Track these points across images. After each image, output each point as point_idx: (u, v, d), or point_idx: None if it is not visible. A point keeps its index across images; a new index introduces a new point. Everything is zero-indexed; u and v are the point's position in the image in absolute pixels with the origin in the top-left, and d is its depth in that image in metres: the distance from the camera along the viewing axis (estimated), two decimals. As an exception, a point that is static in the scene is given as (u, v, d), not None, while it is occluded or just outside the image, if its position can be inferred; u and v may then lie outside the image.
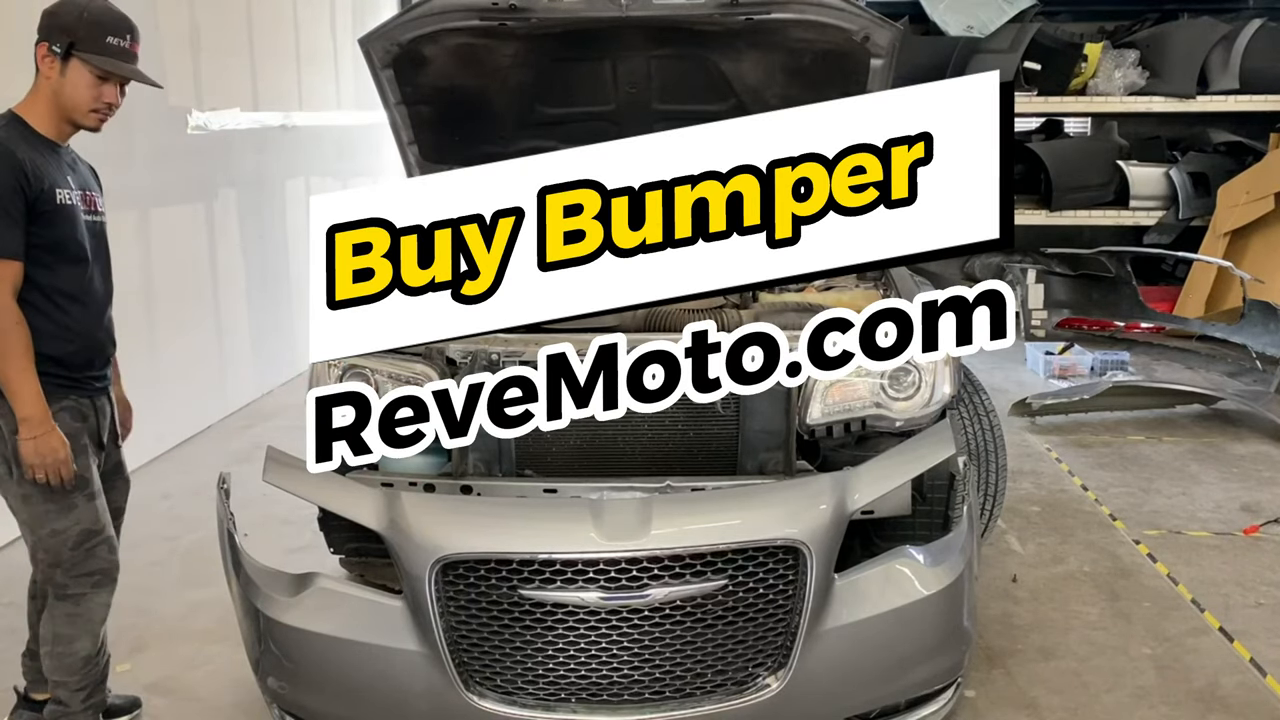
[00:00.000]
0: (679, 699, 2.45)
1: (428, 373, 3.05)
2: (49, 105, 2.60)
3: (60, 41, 2.53)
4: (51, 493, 2.57)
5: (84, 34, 2.54)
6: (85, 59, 2.54)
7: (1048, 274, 8.16)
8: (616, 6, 3.24)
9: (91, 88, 2.58)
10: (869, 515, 2.78)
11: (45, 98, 2.60)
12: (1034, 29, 8.50)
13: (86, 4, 2.57)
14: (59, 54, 2.54)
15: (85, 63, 2.55)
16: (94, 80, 2.57)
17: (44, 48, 2.56)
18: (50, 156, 2.61)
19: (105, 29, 2.57)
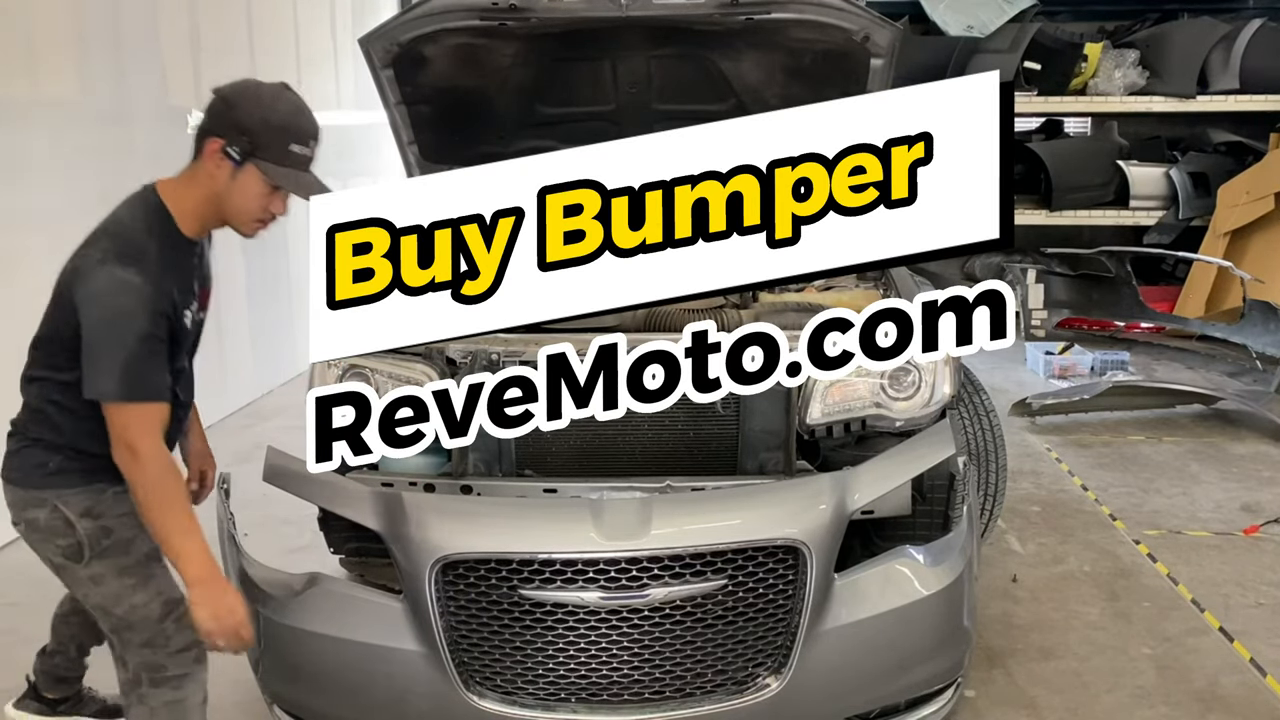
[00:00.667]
0: (679, 699, 2.45)
1: (428, 372, 3.05)
2: (204, 205, 2.25)
3: (239, 144, 2.16)
4: (125, 569, 2.28)
5: (268, 140, 2.17)
6: (264, 168, 2.19)
7: (1048, 274, 8.16)
8: (616, 6, 3.24)
9: (262, 198, 2.23)
10: (869, 515, 2.78)
11: (202, 196, 2.24)
12: (1034, 29, 8.49)
13: (273, 102, 2.20)
14: (235, 158, 2.17)
15: (263, 172, 2.19)
16: (267, 190, 2.22)
17: (217, 144, 2.17)
18: (185, 261, 2.30)
19: (291, 135, 2.20)
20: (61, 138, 4.75)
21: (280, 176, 2.19)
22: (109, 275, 2.11)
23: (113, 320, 2.10)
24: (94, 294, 2.12)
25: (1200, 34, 8.68)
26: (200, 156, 2.20)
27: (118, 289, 2.10)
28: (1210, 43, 8.57)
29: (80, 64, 4.91)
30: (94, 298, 2.12)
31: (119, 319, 2.09)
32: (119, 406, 2.10)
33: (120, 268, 2.11)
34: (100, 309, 2.11)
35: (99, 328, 2.10)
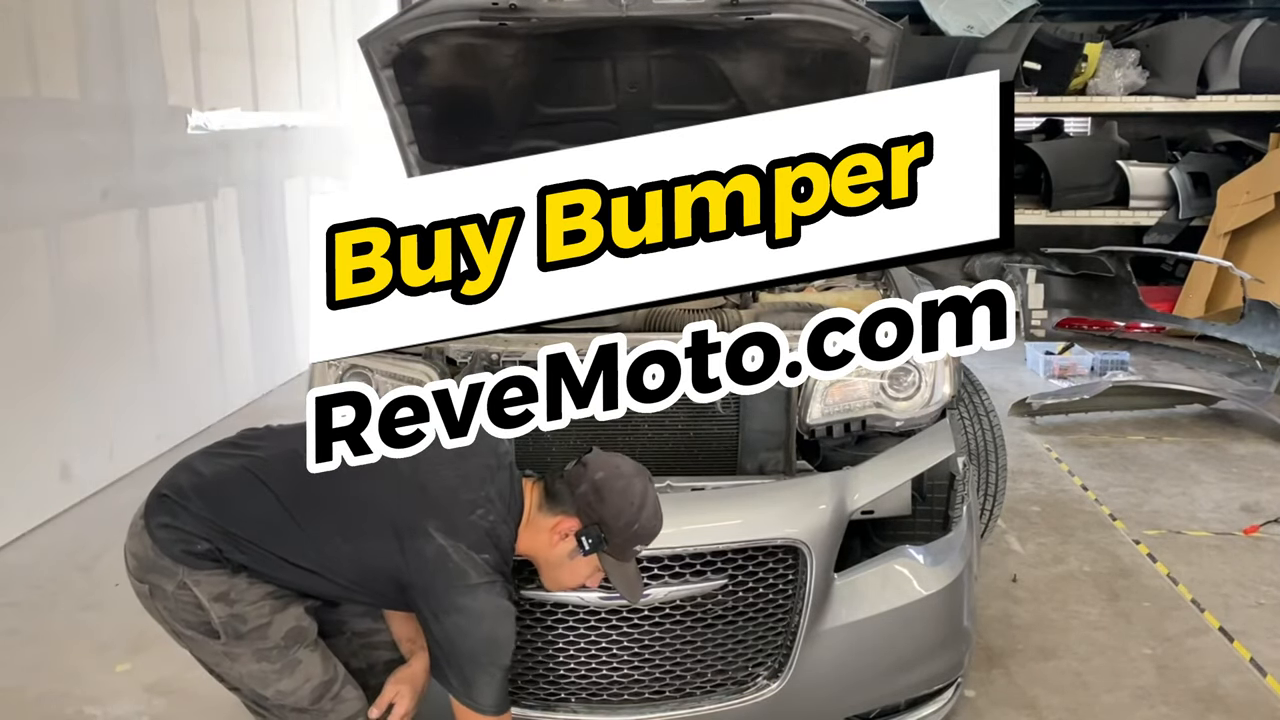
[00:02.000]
0: (679, 699, 2.45)
1: (428, 372, 3.05)
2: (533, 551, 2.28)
3: (594, 537, 2.18)
4: (263, 653, 2.18)
5: (620, 540, 2.19)
6: (608, 565, 2.22)
7: (1048, 274, 8.15)
8: (616, 6, 3.24)
9: (587, 576, 2.26)
10: (869, 515, 2.78)
11: (538, 547, 2.26)
12: (1034, 29, 8.49)
13: (641, 503, 2.20)
14: (585, 549, 2.19)
15: (605, 567, 2.23)
16: (595, 572, 2.25)
17: (573, 525, 2.20)
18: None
19: (641, 538, 2.22)
20: (61, 138, 4.75)
21: (617, 573, 2.23)
22: (497, 603, 2.16)
23: (495, 643, 2.16)
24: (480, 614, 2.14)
25: (1200, 34, 8.67)
26: (550, 518, 2.22)
27: (502, 617, 2.16)
28: (1210, 43, 8.57)
29: (80, 64, 4.91)
30: (480, 617, 2.15)
31: (499, 643, 2.16)
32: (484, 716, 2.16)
33: (504, 597, 2.17)
34: (485, 630, 2.15)
35: (479, 646, 2.15)
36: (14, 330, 4.48)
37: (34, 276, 4.60)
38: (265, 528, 2.16)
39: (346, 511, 2.17)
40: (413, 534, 2.15)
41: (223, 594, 2.14)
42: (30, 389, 4.52)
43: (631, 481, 2.23)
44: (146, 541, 2.15)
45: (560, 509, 2.22)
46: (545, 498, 2.25)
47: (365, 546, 2.17)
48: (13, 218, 4.45)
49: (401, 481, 2.16)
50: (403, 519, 2.17)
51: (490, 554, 2.18)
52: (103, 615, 3.71)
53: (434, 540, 2.14)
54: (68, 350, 4.75)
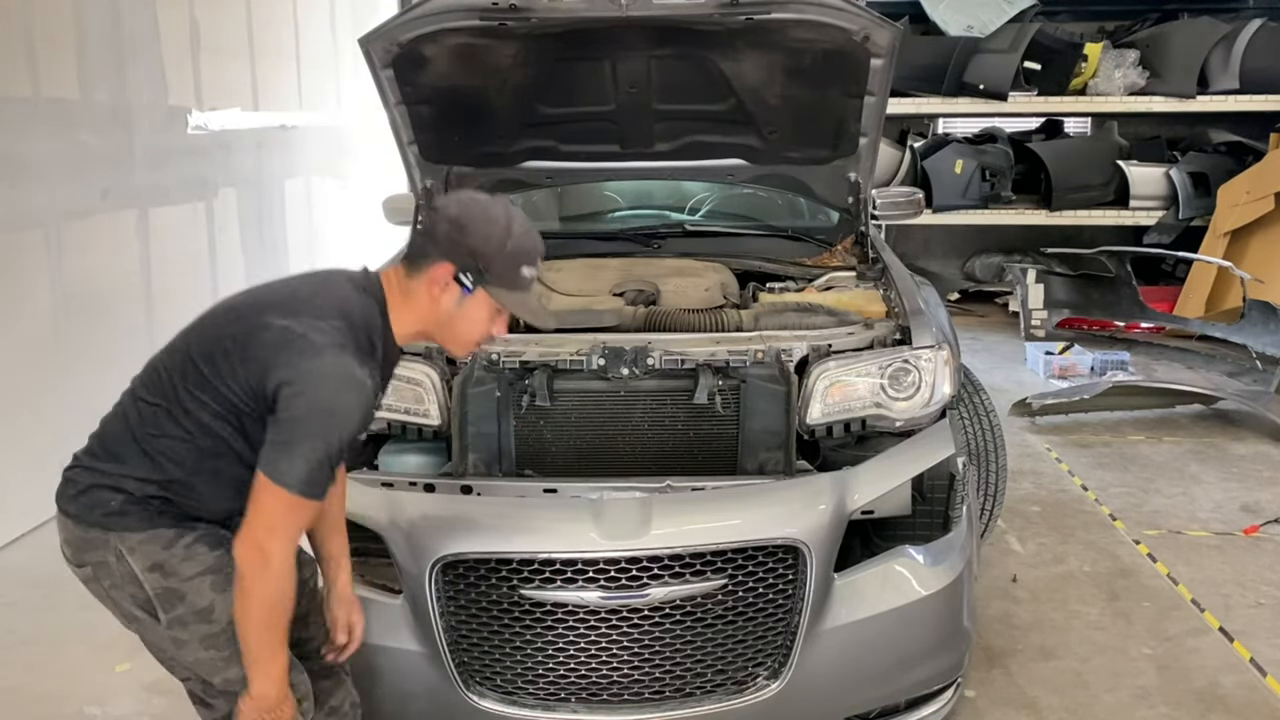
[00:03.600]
0: (679, 699, 2.45)
1: (428, 372, 3.05)
2: (421, 323, 2.12)
3: (473, 272, 2.04)
4: (209, 639, 2.04)
5: (500, 266, 2.05)
6: (497, 295, 2.08)
7: (1048, 274, 8.16)
8: (616, 6, 3.24)
9: (487, 323, 2.12)
10: (869, 515, 2.78)
11: (421, 315, 2.10)
12: (1034, 29, 8.49)
13: (507, 227, 2.06)
14: (467, 286, 2.05)
15: (496, 299, 2.08)
16: (493, 313, 2.11)
17: (447, 270, 2.04)
18: (387, 370, 2.17)
19: (524, 259, 2.08)
20: (61, 138, 4.75)
21: (515, 304, 2.10)
22: (346, 365, 1.93)
23: (331, 413, 1.91)
24: (322, 376, 1.91)
25: (1200, 34, 8.67)
26: (421, 277, 2.06)
27: (349, 384, 1.93)
28: (1210, 43, 8.57)
29: (80, 64, 4.91)
30: (322, 380, 1.91)
31: (338, 414, 1.91)
32: (285, 499, 1.88)
33: (358, 363, 1.95)
34: (324, 394, 1.91)
35: (314, 413, 1.90)
36: (14, 330, 4.48)
37: (34, 276, 4.60)
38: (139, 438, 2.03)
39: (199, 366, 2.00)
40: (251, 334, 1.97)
41: (158, 564, 2.02)
42: (30, 388, 4.52)
43: (489, 205, 2.09)
44: (68, 523, 2.05)
45: (428, 263, 2.05)
46: (409, 265, 2.08)
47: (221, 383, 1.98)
48: (13, 218, 4.45)
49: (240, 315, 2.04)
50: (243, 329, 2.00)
51: (338, 321, 1.98)
52: (103, 615, 3.67)
53: (273, 325, 1.96)
54: (68, 350, 4.75)
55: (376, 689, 2.50)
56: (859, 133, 3.78)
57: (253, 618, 1.93)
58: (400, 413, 3.09)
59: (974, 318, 9.45)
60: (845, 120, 3.78)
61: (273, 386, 1.92)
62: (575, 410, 3.06)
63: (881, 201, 4.27)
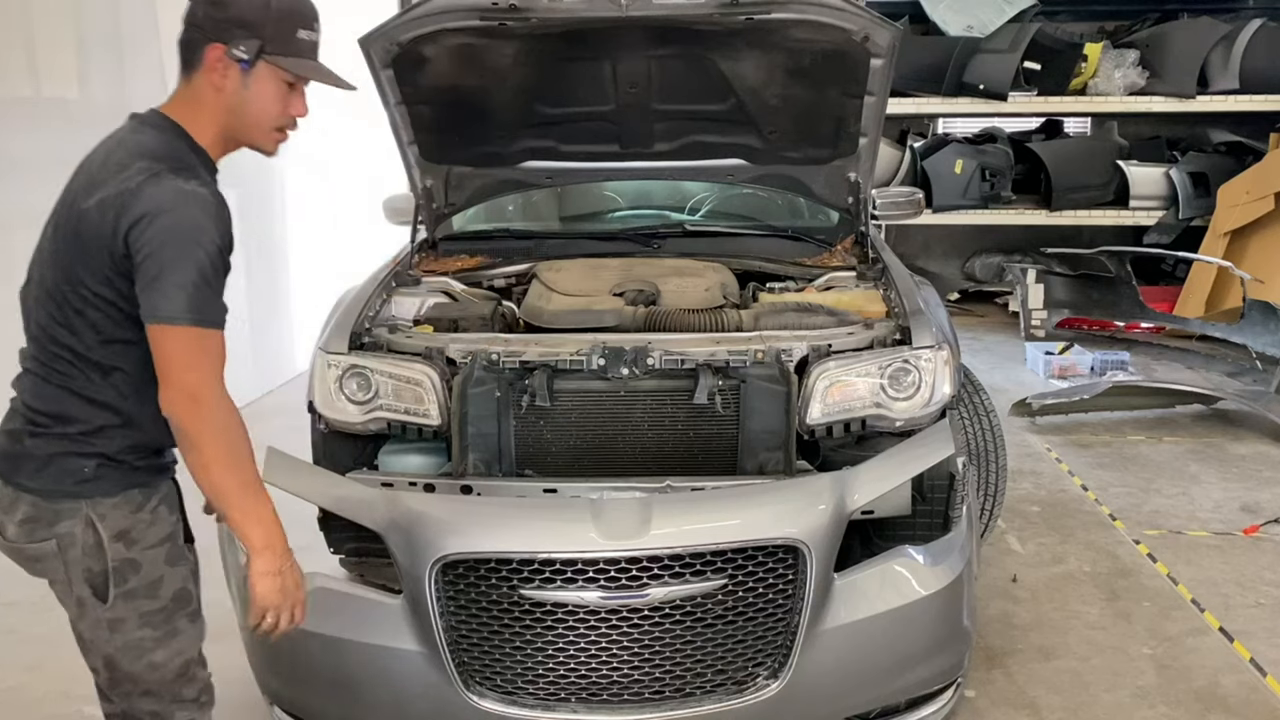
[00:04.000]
0: (679, 699, 2.45)
1: (428, 373, 3.05)
2: (218, 125, 1.97)
3: (246, 43, 1.89)
4: (149, 616, 1.99)
5: (273, 31, 1.90)
6: (278, 63, 1.93)
7: (1048, 274, 8.16)
8: (616, 6, 3.24)
9: (281, 100, 1.97)
10: (869, 515, 2.78)
11: (214, 115, 1.95)
12: (1034, 29, 8.49)
13: None
14: (245, 59, 1.90)
15: (277, 67, 1.93)
16: (285, 90, 1.97)
17: (219, 51, 1.89)
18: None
19: (297, 20, 1.95)
20: (61, 138, 4.75)
21: (302, 68, 1.95)
22: (172, 187, 1.82)
23: (182, 232, 1.80)
24: (158, 207, 1.80)
25: (1200, 34, 8.67)
26: (197, 70, 1.91)
27: (183, 199, 1.82)
28: (1210, 43, 8.57)
29: (80, 64, 4.91)
30: (157, 208, 1.80)
31: (189, 231, 1.80)
32: (183, 336, 1.80)
33: (182, 180, 1.83)
34: (167, 221, 1.80)
35: (166, 241, 1.80)
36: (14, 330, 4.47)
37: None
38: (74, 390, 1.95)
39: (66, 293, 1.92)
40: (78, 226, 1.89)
41: (124, 531, 1.95)
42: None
43: None
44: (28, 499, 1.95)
45: (199, 52, 1.90)
46: (185, 68, 1.94)
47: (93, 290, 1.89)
48: (13, 218, 4.45)
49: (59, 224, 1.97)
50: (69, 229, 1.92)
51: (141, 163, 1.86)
52: (103, 615, 3.71)
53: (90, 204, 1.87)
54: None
55: (376, 689, 2.50)
56: (859, 133, 3.78)
57: (213, 464, 1.84)
58: (400, 413, 3.09)
59: (974, 318, 9.45)
60: (845, 120, 3.78)
61: (121, 247, 1.83)
62: (575, 410, 3.07)
63: (881, 201, 4.27)
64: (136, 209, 1.81)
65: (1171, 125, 9.52)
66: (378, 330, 3.25)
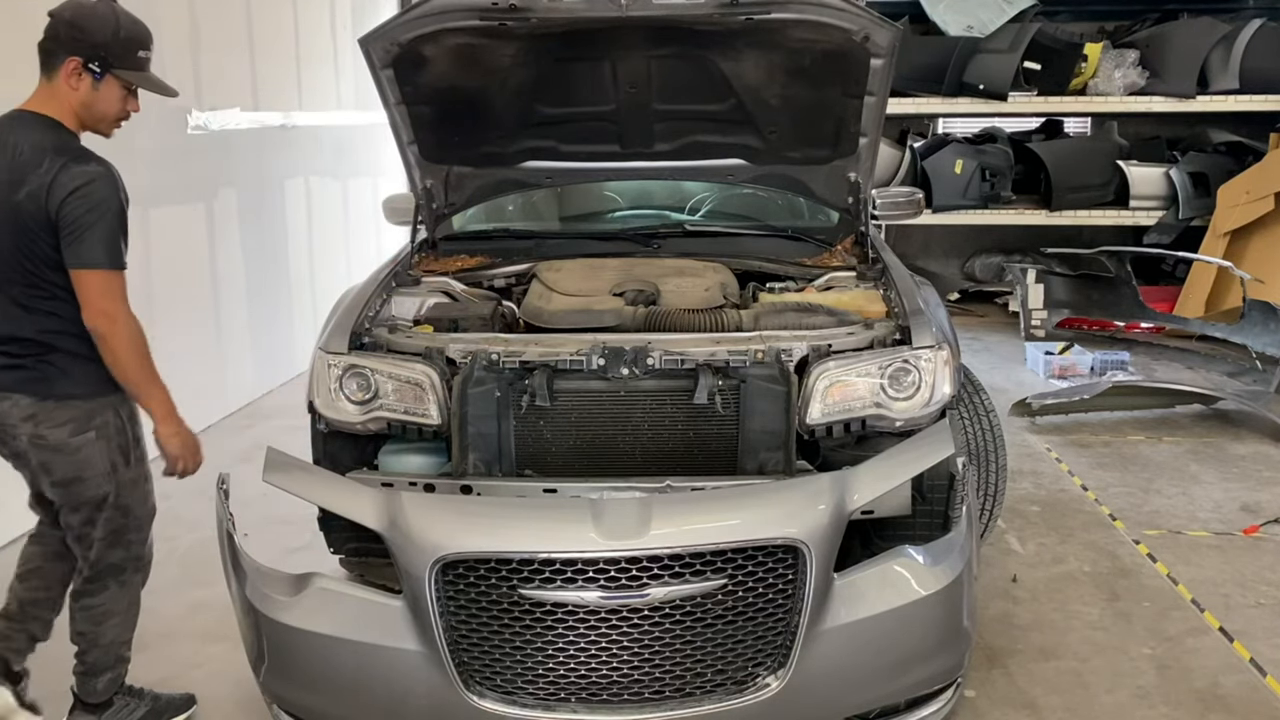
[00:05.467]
0: (679, 699, 2.45)
1: (427, 373, 3.06)
2: (75, 116, 2.60)
3: (95, 60, 2.53)
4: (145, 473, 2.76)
5: (119, 51, 2.56)
6: (125, 76, 2.58)
7: (1048, 274, 8.16)
8: (616, 6, 3.24)
9: (121, 100, 2.63)
10: (869, 515, 2.78)
11: (70, 108, 2.59)
12: (1034, 29, 8.49)
13: (116, 19, 2.57)
14: (96, 72, 2.54)
15: (119, 79, 2.58)
16: (124, 93, 2.62)
17: (75, 64, 2.53)
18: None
19: (136, 44, 2.61)
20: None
21: (141, 80, 2.61)
22: (80, 171, 2.48)
23: (96, 203, 2.46)
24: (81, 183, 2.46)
25: (1200, 34, 8.67)
26: (56, 76, 2.54)
27: (96, 176, 2.49)
28: (1210, 43, 8.57)
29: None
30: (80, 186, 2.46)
31: (101, 202, 2.47)
32: (104, 275, 2.48)
33: (84, 165, 2.49)
34: (88, 192, 2.46)
35: (90, 207, 2.46)
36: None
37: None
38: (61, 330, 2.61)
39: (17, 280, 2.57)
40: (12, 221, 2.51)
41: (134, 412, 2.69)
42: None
43: (96, 6, 2.57)
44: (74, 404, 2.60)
45: (59, 61, 2.53)
46: (46, 71, 2.57)
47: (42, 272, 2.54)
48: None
49: None
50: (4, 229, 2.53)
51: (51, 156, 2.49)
52: (103, 615, 3.71)
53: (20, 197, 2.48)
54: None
55: (376, 689, 2.50)
56: (859, 133, 3.78)
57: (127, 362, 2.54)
58: (400, 413, 3.09)
59: (974, 318, 9.45)
60: (845, 120, 3.78)
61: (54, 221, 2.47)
62: (575, 410, 3.07)
63: (881, 201, 4.27)
64: (59, 193, 2.47)
65: (1171, 125, 9.52)
66: (378, 330, 3.25)
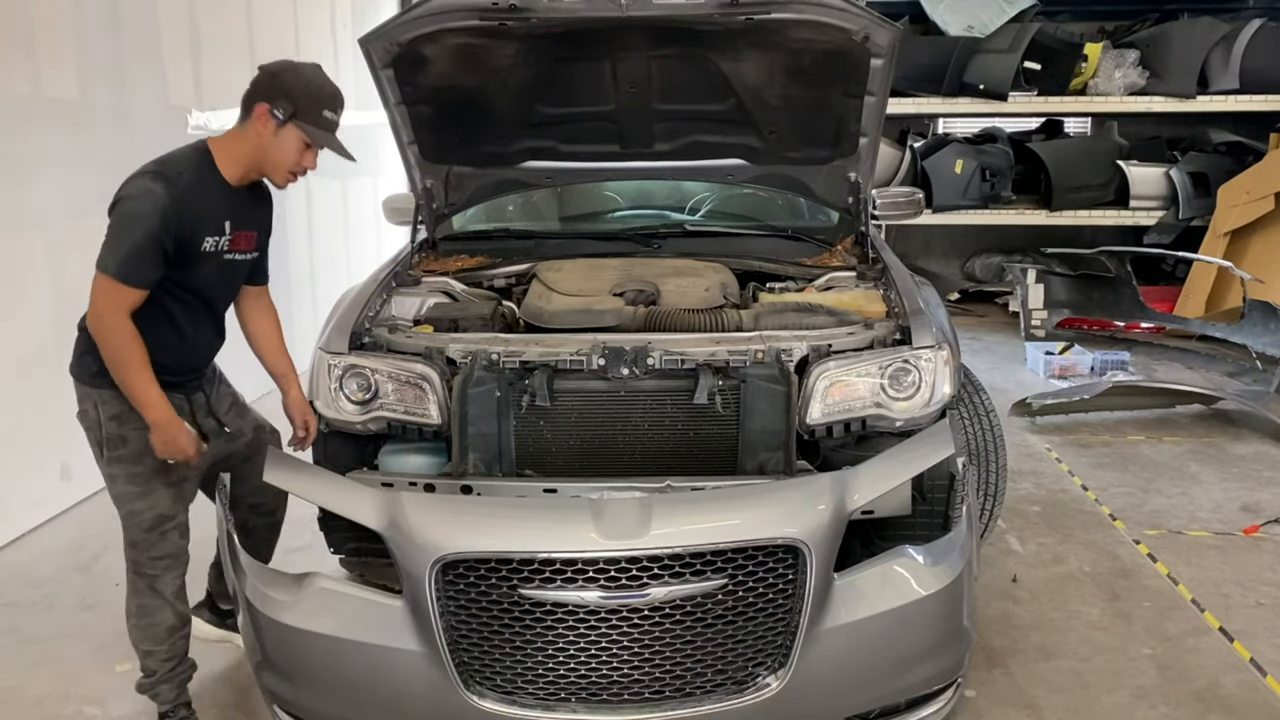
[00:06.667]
0: (679, 698, 2.45)
1: (428, 373, 3.05)
2: (247, 156, 2.72)
3: (283, 107, 2.65)
4: (133, 476, 2.74)
5: (306, 104, 2.66)
6: (303, 128, 2.68)
7: (1048, 274, 8.16)
8: (616, 6, 3.24)
9: (299, 153, 2.72)
10: (869, 515, 2.78)
11: (247, 149, 2.71)
12: (1034, 29, 8.49)
13: (310, 76, 2.71)
14: (279, 118, 2.65)
15: (302, 131, 2.68)
16: (303, 147, 2.71)
17: (264, 108, 2.66)
18: (219, 199, 2.73)
19: (324, 103, 2.71)
20: (61, 138, 4.75)
21: (316, 136, 2.69)
22: (140, 183, 2.62)
23: (129, 216, 2.57)
24: (124, 195, 2.61)
25: (1200, 34, 8.67)
26: (248, 118, 2.68)
27: (143, 194, 2.59)
28: (1210, 43, 8.57)
29: (80, 64, 4.90)
30: (123, 197, 2.61)
31: (137, 216, 2.56)
32: (107, 281, 2.57)
33: (152, 180, 2.61)
34: (125, 205, 2.59)
35: (119, 219, 2.59)
36: (14, 330, 4.48)
37: (34, 277, 4.60)
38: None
39: None
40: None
41: (116, 414, 2.71)
42: (30, 389, 4.52)
43: (299, 64, 2.75)
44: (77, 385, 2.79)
45: (251, 109, 2.68)
46: (242, 114, 2.71)
47: None
48: (13, 218, 4.45)
49: None
50: None
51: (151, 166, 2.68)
52: (102, 615, 3.71)
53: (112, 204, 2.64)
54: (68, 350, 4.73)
55: (376, 689, 2.50)
56: (859, 133, 3.78)
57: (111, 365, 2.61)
58: (400, 413, 3.09)
59: (974, 318, 9.45)
60: (845, 120, 3.78)
61: None
62: (575, 410, 3.07)
63: (881, 201, 4.27)
64: (116, 196, 2.64)
65: (1171, 125, 9.53)
66: (378, 330, 3.25)
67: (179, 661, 2.94)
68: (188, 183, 2.64)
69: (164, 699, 2.94)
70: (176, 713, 2.96)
